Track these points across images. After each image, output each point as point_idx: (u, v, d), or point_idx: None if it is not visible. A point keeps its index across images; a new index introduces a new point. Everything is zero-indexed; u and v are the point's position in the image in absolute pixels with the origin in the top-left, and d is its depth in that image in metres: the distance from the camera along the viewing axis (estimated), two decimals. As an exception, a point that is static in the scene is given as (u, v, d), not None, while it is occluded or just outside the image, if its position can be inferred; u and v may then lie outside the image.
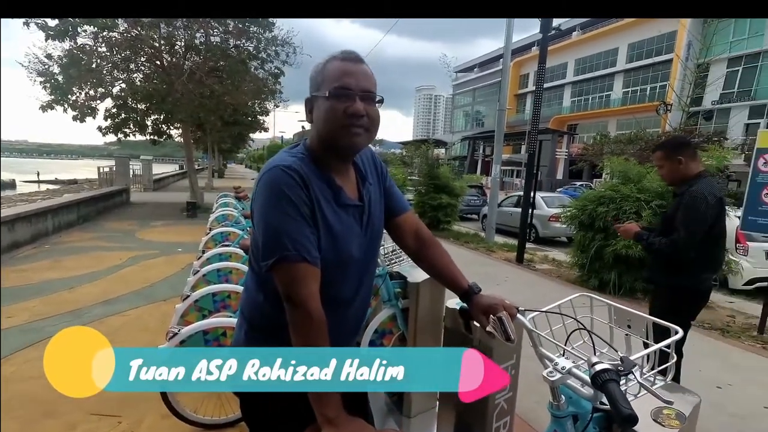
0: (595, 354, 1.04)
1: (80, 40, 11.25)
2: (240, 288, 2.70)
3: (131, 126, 13.10)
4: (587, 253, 6.17)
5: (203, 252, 4.11)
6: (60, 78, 11.21)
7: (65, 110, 11.70)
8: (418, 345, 2.41)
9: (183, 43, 12.06)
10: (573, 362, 1.03)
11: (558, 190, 24.97)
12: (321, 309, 1.01)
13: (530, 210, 11.78)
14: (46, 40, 10.91)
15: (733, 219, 5.70)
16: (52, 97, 11.40)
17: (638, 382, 0.93)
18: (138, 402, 2.59)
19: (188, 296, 2.75)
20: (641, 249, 5.46)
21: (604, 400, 1.07)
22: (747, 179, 4.62)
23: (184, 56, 12.32)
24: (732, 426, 2.74)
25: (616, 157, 7.20)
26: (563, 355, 1.09)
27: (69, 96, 11.48)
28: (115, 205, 12.72)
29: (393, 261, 2.57)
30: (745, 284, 6.65)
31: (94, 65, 11.32)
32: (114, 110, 12.60)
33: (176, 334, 2.20)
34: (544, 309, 1.23)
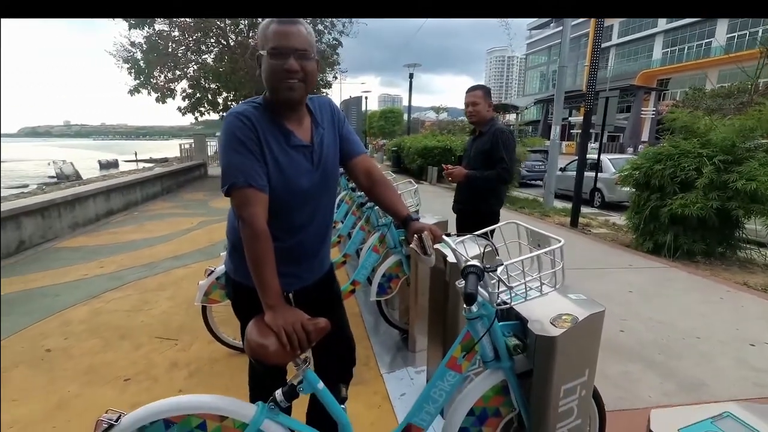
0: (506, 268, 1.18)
1: (157, 27, 12.31)
2: None
3: (205, 105, 14.21)
4: (642, 214, 5.85)
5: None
6: (142, 63, 12.43)
7: (149, 93, 13.00)
8: (419, 285, 2.63)
9: (246, 22, 12.69)
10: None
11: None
12: (265, 227, 1.24)
13: (595, 173, 11.19)
14: (129, 29, 12.11)
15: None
16: (137, 81, 12.72)
17: (497, 277, 1.08)
18: (192, 331, 3.10)
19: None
20: (700, 208, 5.10)
21: (500, 301, 1.23)
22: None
23: (247, 34, 12.99)
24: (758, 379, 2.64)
25: (681, 110, 6.54)
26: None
27: (151, 79, 12.71)
28: (193, 178, 14.04)
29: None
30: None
31: (170, 49, 12.39)
32: (190, 91, 13.73)
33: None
34: (473, 233, 1.37)
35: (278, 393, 1.27)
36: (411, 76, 23.26)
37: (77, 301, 3.73)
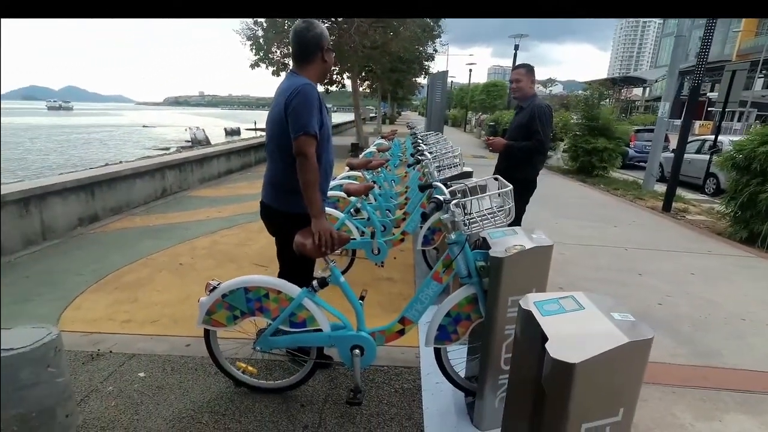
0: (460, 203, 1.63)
1: (275, 5, 13.58)
2: (340, 214, 3.32)
3: (313, 78, 15.41)
4: (738, 200, 5.42)
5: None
6: (262, 40, 13.90)
7: (267, 67, 14.53)
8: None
9: (352, -2, 13.38)
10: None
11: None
12: (316, 161, 1.85)
13: (709, 156, 10.07)
14: (252, 9, 13.57)
15: None
16: (258, 56, 14.28)
17: (451, 209, 1.53)
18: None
19: None
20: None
21: (468, 231, 1.68)
22: None
23: (354, 10, 13.71)
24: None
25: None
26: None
27: (269, 54, 14.18)
28: (300, 145, 15.49)
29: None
30: None
31: (285, 26, 13.64)
32: (301, 65, 15.00)
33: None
34: (449, 180, 1.82)
35: (314, 282, 1.88)
36: (516, 47, 22.32)
37: (201, 234, 4.83)
